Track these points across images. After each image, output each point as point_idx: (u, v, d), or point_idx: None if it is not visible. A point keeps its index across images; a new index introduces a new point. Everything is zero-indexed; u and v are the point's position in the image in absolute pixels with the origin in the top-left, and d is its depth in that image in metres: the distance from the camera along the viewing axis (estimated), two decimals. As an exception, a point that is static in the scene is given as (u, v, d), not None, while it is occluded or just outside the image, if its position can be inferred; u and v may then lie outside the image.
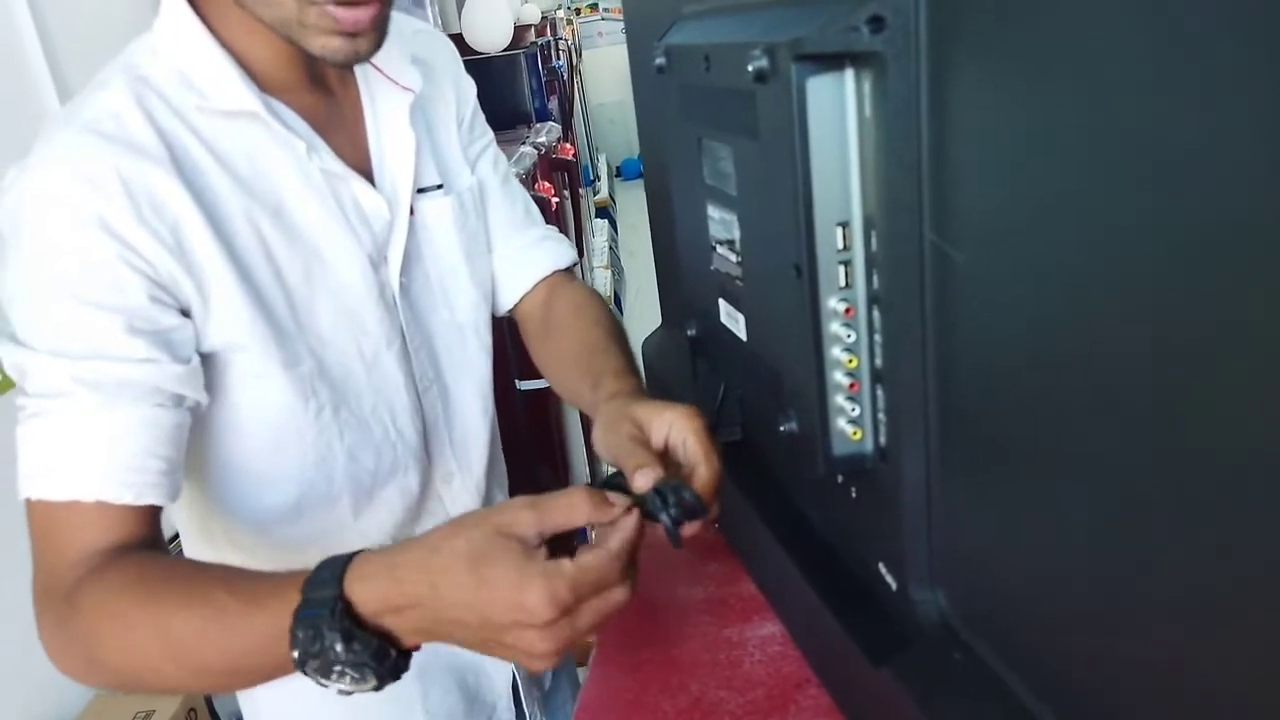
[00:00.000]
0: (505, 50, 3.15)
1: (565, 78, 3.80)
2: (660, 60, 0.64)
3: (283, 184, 0.67)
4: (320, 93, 0.71)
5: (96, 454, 0.58)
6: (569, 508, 0.49)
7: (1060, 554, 0.37)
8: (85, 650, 0.55)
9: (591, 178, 5.51)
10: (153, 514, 0.60)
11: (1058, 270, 0.34)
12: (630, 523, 0.50)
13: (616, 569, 0.48)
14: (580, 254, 2.68)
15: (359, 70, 0.73)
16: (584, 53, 6.95)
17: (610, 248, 4.31)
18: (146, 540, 0.59)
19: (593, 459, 2.49)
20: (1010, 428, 0.39)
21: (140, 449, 0.59)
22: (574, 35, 6.28)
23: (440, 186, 0.77)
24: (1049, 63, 0.33)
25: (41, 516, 0.59)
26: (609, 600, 0.48)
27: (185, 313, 0.62)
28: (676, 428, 0.57)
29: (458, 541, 0.48)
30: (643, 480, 0.53)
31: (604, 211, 5.07)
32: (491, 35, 3.17)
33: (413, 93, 0.74)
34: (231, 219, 0.64)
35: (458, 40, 3.10)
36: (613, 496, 0.51)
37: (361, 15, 0.61)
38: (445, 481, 0.81)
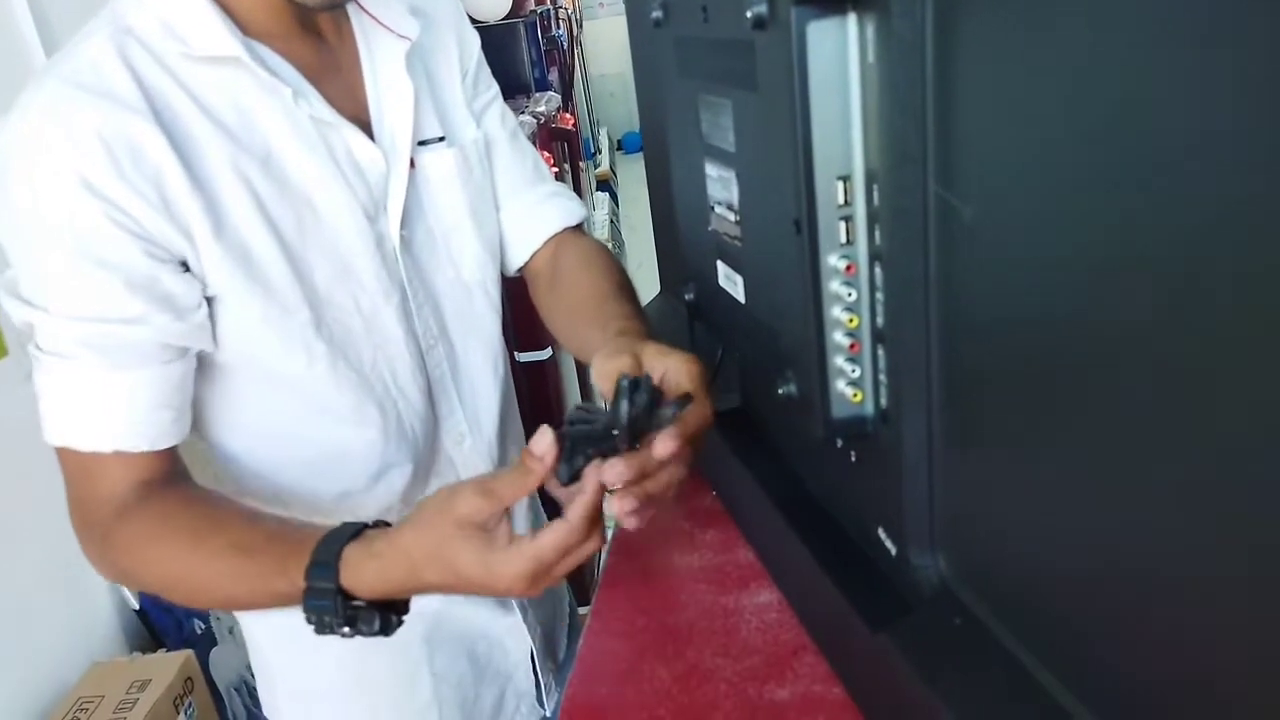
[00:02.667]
0: (505, 18, 3.11)
1: (565, 47, 3.75)
2: (657, 13, 0.62)
3: (271, 132, 0.65)
4: (313, 41, 0.69)
5: (110, 412, 0.61)
6: (519, 482, 0.51)
7: (1062, 517, 0.36)
8: (123, 578, 0.64)
9: (592, 150, 5.46)
10: (170, 451, 0.64)
11: (1066, 224, 0.33)
12: (590, 488, 0.50)
13: (579, 535, 0.50)
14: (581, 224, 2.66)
15: (355, 19, 0.72)
16: (585, 23, 6.87)
17: (611, 221, 4.27)
18: (169, 472, 0.64)
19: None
20: (1014, 389, 0.38)
21: (150, 404, 0.61)
22: (575, 4, 6.21)
23: (443, 139, 0.75)
24: (1061, 3, 0.31)
25: (69, 460, 0.62)
26: (579, 556, 0.51)
27: (185, 265, 0.61)
28: (674, 369, 0.55)
29: (425, 540, 0.53)
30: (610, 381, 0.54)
31: (605, 185, 5.02)
32: (491, 2, 3.12)
33: (409, 41, 0.72)
34: (216, 169, 0.62)
35: (456, 8, 3.05)
36: (538, 443, 0.50)
37: None
38: (456, 444, 0.80)
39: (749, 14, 0.44)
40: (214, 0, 0.63)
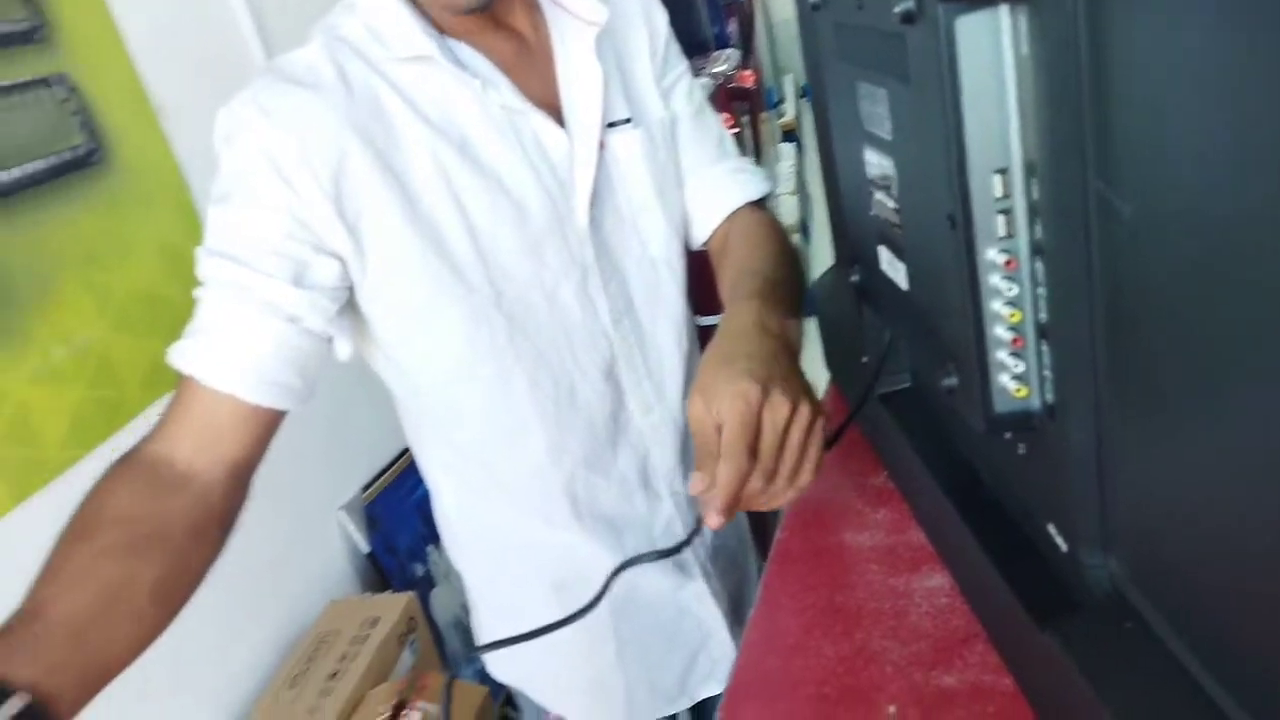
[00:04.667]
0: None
1: (746, 2, 3.68)
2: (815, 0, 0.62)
3: (466, 121, 0.71)
4: (506, 34, 0.74)
5: (208, 338, 0.63)
6: None
7: (1247, 523, 0.34)
8: None
9: (776, 100, 5.34)
10: (221, 406, 0.63)
11: (1234, 218, 0.31)
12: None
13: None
14: (761, 183, 2.63)
15: (548, 9, 0.77)
16: (766, -32, 6.67)
17: (796, 173, 4.19)
18: (213, 462, 0.62)
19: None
20: (1187, 386, 0.36)
21: (241, 347, 0.63)
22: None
23: (629, 120, 0.78)
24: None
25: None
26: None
27: (336, 256, 0.68)
28: (717, 407, 0.53)
29: None
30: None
31: (791, 135, 4.91)
32: (668, -38, 3.11)
33: (598, 26, 0.75)
34: (415, 156, 0.69)
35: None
36: None
37: None
38: (644, 414, 0.84)
39: (896, 10, 0.44)
40: (413, 6, 0.70)
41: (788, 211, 4.08)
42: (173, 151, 1.31)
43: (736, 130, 2.25)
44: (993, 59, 0.42)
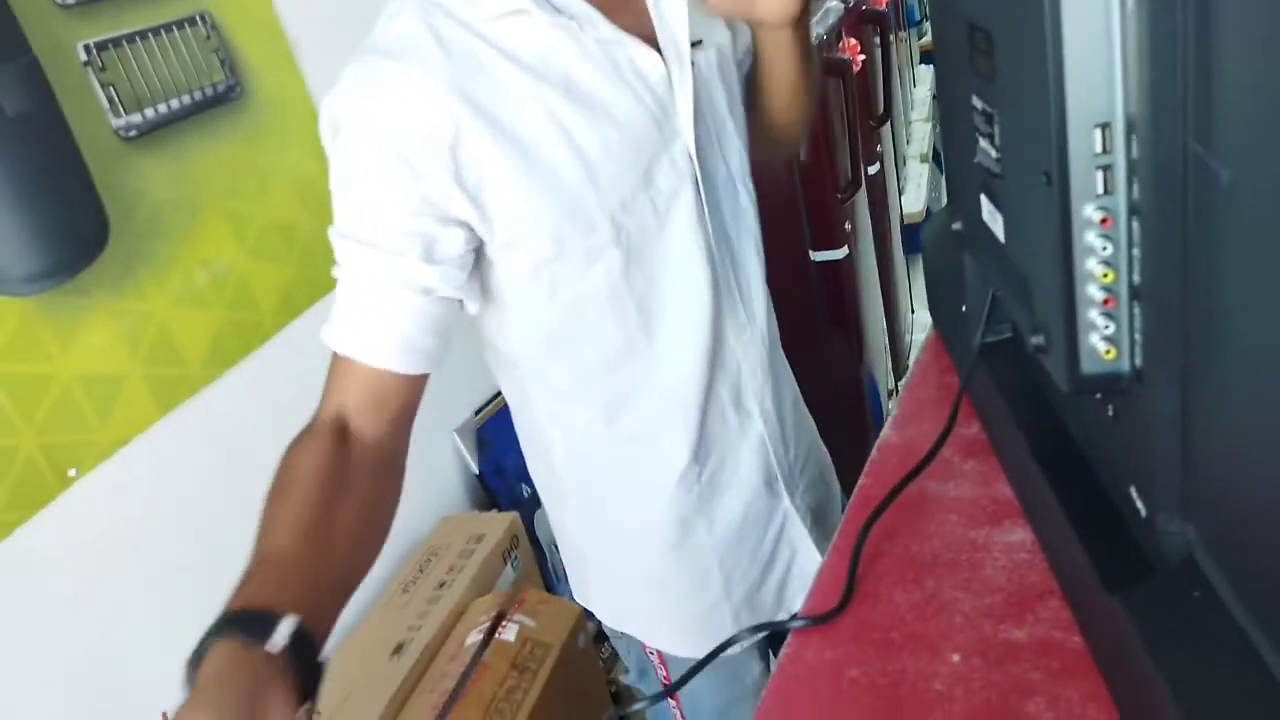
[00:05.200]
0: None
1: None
2: (930, -68, 0.59)
3: (567, 62, 0.72)
4: None
5: (355, 319, 0.69)
6: None
7: None
8: None
9: (917, 18, 5.06)
10: (378, 378, 0.69)
11: None
12: None
13: None
14: (888, 110, 2.52)
15: None
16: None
17: (934, 97, 3.98)
18: (379, 421, 0.69)
19: (893, 332, 2.43)
20: (1276, 358, 0.35)
21: (388, 325, 0.68)
22: None
23: (700, 42, 0.80)
24: None
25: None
26: None
27: (462, 224, 0.71)
28: None
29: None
30: None
31: (929, 57, 4.66)
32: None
33: None
34: (523, 107, 0.70)
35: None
36: None
37: None
38: (738, 334, 0.86)
39: (1002, -46, 0.42)
40: None
41: (920, 139, 3.91)
42: (306, 85, 1.37)
43: (864, 59, 2.16)
44: (1100, 8, 0.40)
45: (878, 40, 2.38)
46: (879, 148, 2.47)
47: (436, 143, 0.68)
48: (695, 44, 0.79)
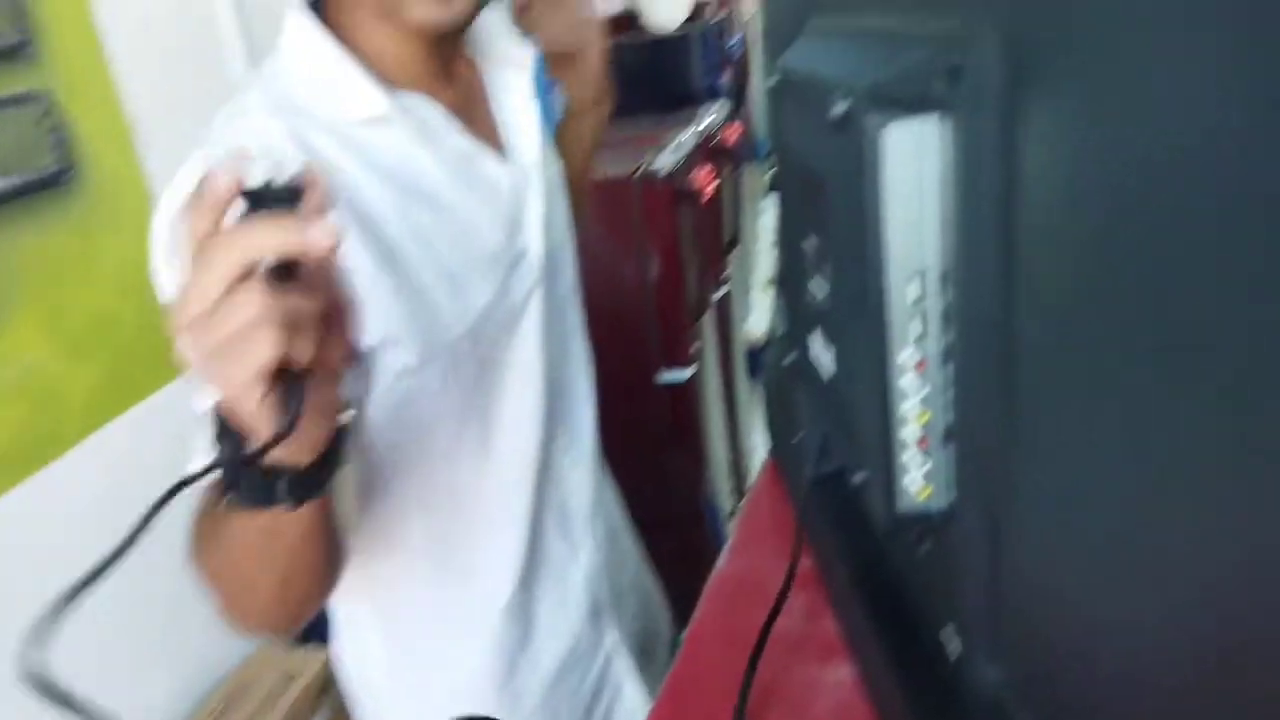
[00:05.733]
0: (679, 28, 3.13)
1: (740, 55, 3.74)
2: (774, 80, 0.63)
3: (427, 171, 0.71)
4: (452, 80, 0.76)
5: None
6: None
7: (1140, 648, 0.34)
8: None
9: (765, 152, 5.41)
10: None
11: (1131, 348, 0.31)
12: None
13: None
14: (736, 238, 2.64)
15: (481, 53, 0.80)
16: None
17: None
18: None
19: (735, 456, 2.48)
20: (1080, 506, 0.36)
21: None
22: (755, 6, 6.15)
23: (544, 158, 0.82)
24: (1125, 121, 0.30)
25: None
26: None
27: None
28: None
29: None
30: None
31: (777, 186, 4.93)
32: (667, 13, 3.17)
33: (528, 66, 0.80)
34: (383, 216, 0.68)
35: (628, 18, 3.11)
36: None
37: None
38: (566, 455, 0.84)
39: (831, 113, 0.44)
40: (359, 62, 0.68)
41: (765, 267, 4.11)
42: (144, 173, 1.31)
43: (718, 184, 2.26)
44: (917, 166, 0.42)
45: (728, 171, 2.51)
46: (727, 273, 2.57)
47: None
48: (542, 158, 0.80)
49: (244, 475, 0.51)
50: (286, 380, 0.47)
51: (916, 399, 0.45)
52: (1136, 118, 0.29)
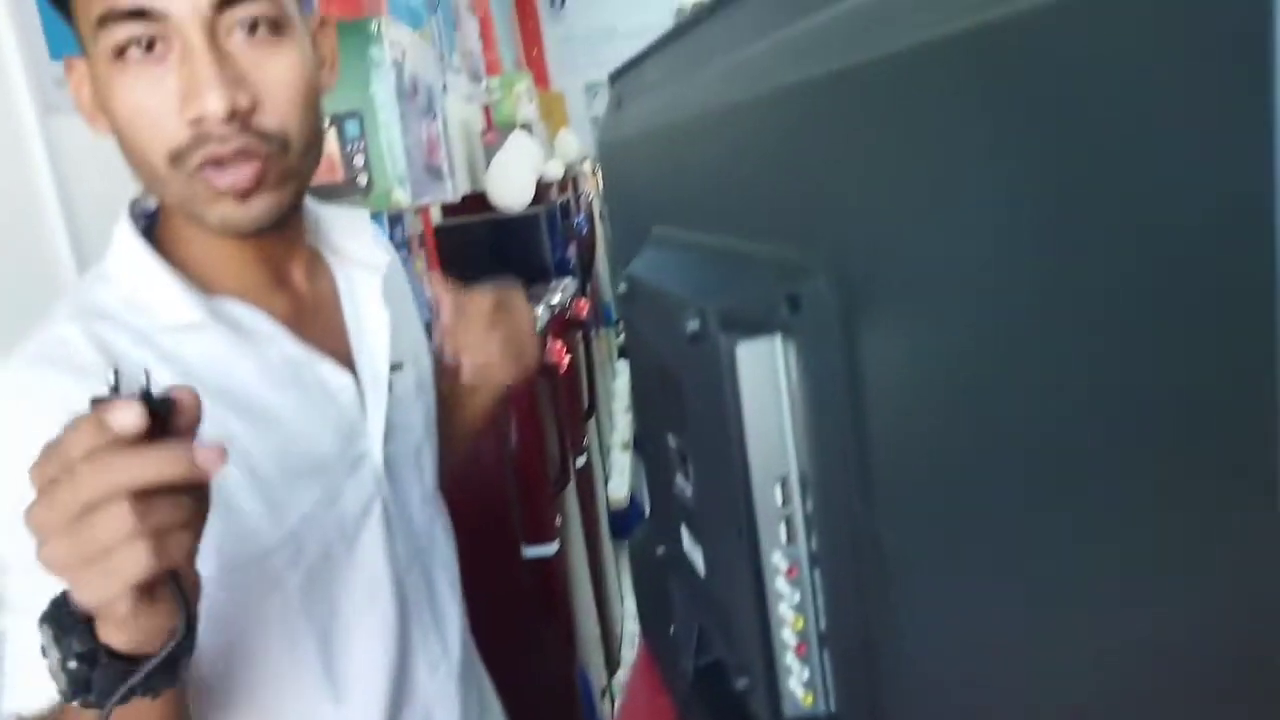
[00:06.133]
0: (527, 208, 3.26)
1: (585, 231, 3.91)
2: (624, 287, 0.65)
3: (247, 379, 0.69)
4: (284, 290, 0.75)
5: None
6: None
7: None
8: None
9: (615, 318, 5.59)
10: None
11: (978, 553, 0.33)
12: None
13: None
14: (593, 405, 2.68)
15: (329, 256, 0.79)
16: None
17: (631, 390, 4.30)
18: None
19: (605, 626, 2.42)
20: (952, 710, 0.37)
21: None
22: (599, 184, 6.50)
23: (401, 365, 0.81)
24: (938, 340, 0.32)
25: None
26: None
27: None
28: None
29: None
30: None
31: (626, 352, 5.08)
32: (515, 194, 3.30)
33: (381, 270, 0.79)
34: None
35: (480, 199, 3.22)
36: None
37: (238, 176, 0.63)
38: (430, 670, 0.79)
39: (685, 328, 0.47)
40: (174, 270, 0.68)
41: (622, 429, 4.17)
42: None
43: (570, 357, 2.31)
44: (770, 380, 0.44)
45: (581, 340, 2.57)
46: (585, 440, 2.58)
47: None
48: (396, 367, 0.79)
49: (99, 671, 0.49)
50: (168, 582, 0.47)
51: (791, 604, 0.46)
52: (948, 337, 0.32)
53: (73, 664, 0.48)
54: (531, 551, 1.87)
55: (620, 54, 0.77)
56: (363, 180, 1.49)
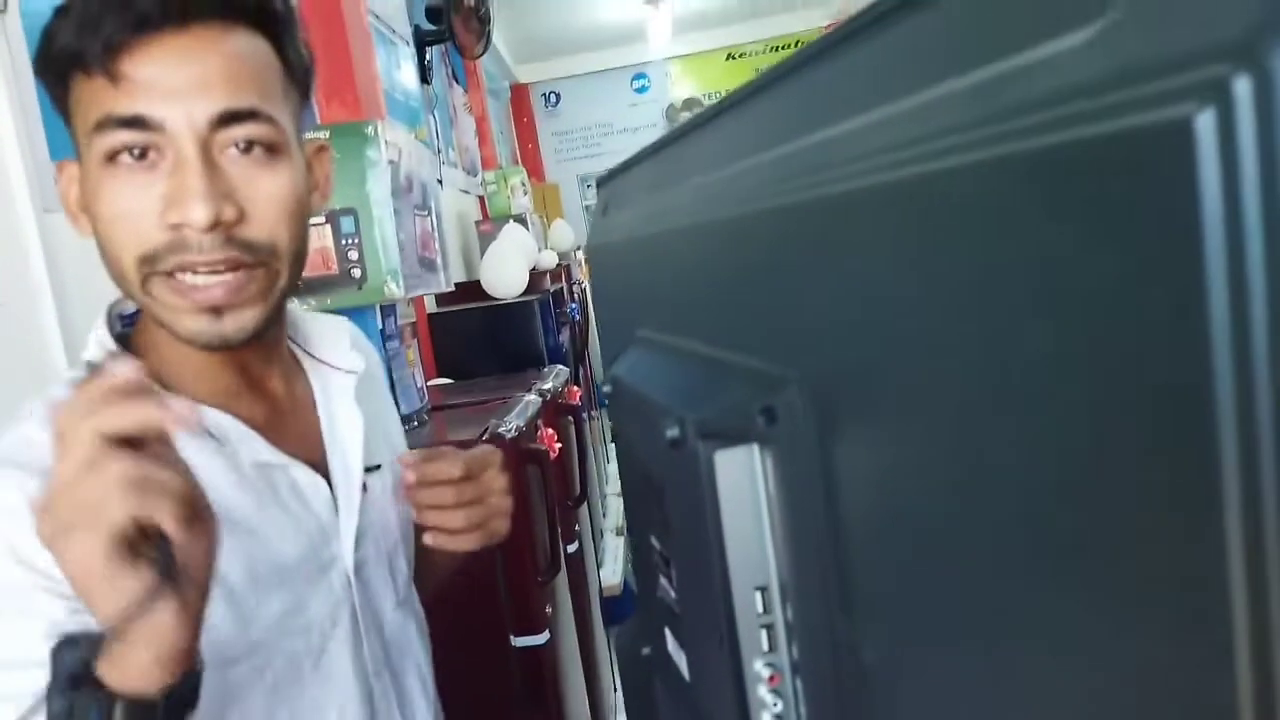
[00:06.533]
0: (521, 296, 3.31)
1: (579, 317, 3.96)
2: (608, 388, 0.67)
3: (215, 484, 0.67)
4: (259, 395, 0.75)
5: None
6: None
7: None
8: None
9: (606, 401, 5.60)
10: None
11: (961, 679, 0.33)
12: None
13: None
14: (584, 490, 2.67)
15: (306, 363, 0.80)
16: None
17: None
18: None
19: (596, 716, 2.36)
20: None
21: None
22: (590, 274, 6.59)
23: (379, 467, 0.82)
24: (911, 460, 0.33)
25: None
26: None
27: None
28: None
29: None
30: None
31: (620, 437, 5.08)
32: (507, 283, 3.35)
33: (356, 374, 0.80)
34: None
35: (475, 287, 3.27)
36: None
37: (210, 293, 0.64)
38: None
39: (666, 435, 0.48)
40: (156, 375, 0.68)
41: (615, 512, 4.13)
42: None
43: (562, 446, 2.31)
44: (749, 489, 0.45)
45: (573, 426, 2.58)
46: (577, 527, 2.56)
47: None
48: (374, 469, 0.80)
49: (80, 698, 0.51)
50: (153, 544, 0.50)
51: (773, 713, 0.46)
52: (916, 450, 0.33)
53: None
54: (521, 641, 1.84)
55: (616, 145, 0.79)
56: (356, 273, 1.52)
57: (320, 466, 0.75)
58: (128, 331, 0.74)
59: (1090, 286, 0.20)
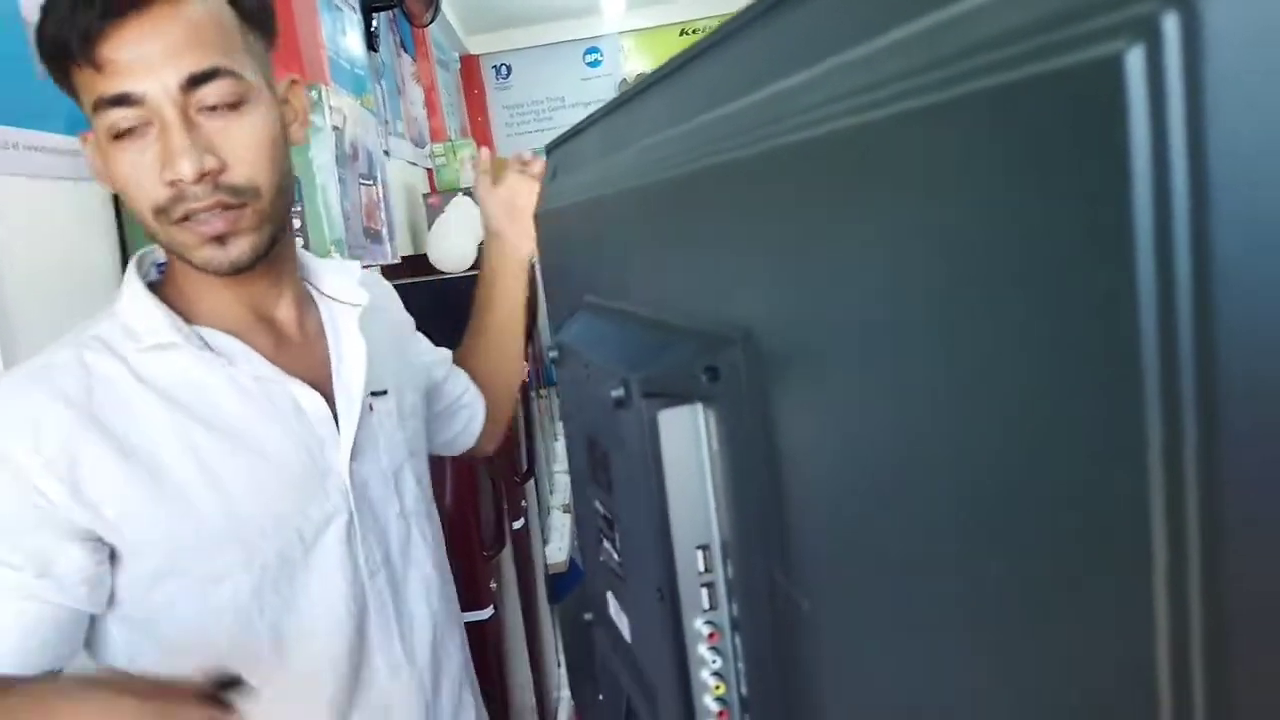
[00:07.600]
0: (467, 271, 3.27)
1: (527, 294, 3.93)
2: (554, 354, 0.66)
3: (216, 397, 0.79)
4: (270, 323, 0.86)
5: None
6: None
7: None
8: None
9: (555, 379, 5.59)
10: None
11: (887, 614, 0.34)
12: None
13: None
14: (531, 466, 2.66)
15: (320, 302, 0.91)
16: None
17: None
18: None
19: (540, 693, 2.37)
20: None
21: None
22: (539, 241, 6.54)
23: (385, 392, 0.92)
24: (850, 415, 0.34)
25: None
26: None
27: (87, 536, 0.73)
28: None
29: None
30: None
31: (569, 415, 5.08)
32: (455, 258, 3.30)
33: (360, 306, 0.90)
34: (160, 439, 0.76)
35: (421, 260, 3.22)
36: None
37: (212, 226, 0.75)
38: (392, 673, 0.86)
39: (610, 396, 0.48)
40: (161, 303, 0.80)
41: (563, 490, 4.13)
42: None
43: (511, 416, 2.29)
44: (692, 448, 0.46)
45: (520, 402, 2.56)
46: (524, 503, 2.55)
47: (54, 459, 0.71)
48: (379, 393, 0.89)
49: None
50: None
51: (712, 670, 0.46)
52: (854, 405, 0.34)
53: None
54: (466, 617, 1.83)
55: (568, 119, 0.86)
56: (299, 242, 1.49)
57: (327, 389, 0.84)
58: (159, 280, 0.84)
59: (1027, 225, 0.20)
